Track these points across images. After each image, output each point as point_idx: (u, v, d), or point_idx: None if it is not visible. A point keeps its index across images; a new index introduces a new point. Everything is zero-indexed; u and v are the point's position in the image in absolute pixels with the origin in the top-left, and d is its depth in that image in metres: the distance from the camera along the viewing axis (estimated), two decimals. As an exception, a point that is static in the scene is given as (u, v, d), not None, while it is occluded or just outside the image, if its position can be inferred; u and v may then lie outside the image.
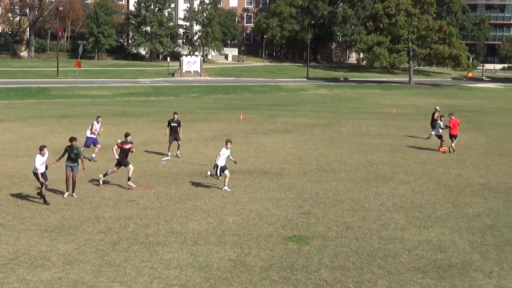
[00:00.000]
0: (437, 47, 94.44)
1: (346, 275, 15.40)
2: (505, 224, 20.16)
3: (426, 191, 24.53)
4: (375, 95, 76.03)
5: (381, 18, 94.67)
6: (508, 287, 14.88)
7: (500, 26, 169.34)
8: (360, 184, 25.50)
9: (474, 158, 32.35)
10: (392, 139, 38.42)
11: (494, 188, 25.43)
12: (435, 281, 15.17)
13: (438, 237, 18.58)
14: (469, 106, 63.24)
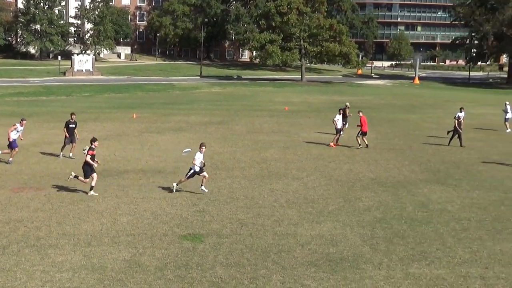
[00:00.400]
0: (328, 45, 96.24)
1: (241, 272, 15.52)
2: (393, 216, 20.81)
3: (318, 187, 25.01)
4: (268, 93, 76.82)
5: (274, 17, 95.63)
6: (396, 277, 15.37)
7: (387, 25, 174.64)
8: (254, 181, 25.73)
9: (364, 154, 33.20)
10: (285, 136, 38.94)
11: (383, 182, 26.20)
12: (328, 274, 15.50)
13: (330, 231, 19.00)
14: (359, 102, 64.67)
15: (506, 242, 18.28)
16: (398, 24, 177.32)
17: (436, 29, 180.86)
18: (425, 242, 18.12)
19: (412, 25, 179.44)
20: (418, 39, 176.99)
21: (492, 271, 15.92)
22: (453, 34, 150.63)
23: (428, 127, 44.97)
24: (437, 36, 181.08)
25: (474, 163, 31.01)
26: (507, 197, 23.92)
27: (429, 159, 32.02)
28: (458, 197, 23.70)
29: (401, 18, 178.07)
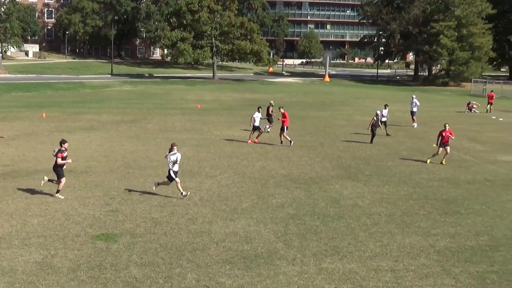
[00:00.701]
0: (239, 43, 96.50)
1: (156, 271, 15.45)
2: (306, 213, 21.10)
3: (232, 184, 25.11)
4: (180, 91, 76.48)
5: (185, 15, 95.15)
6: (310, 273, 15.60)
7: (298, 23, 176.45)
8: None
9: (276, 151, 33.51)
10: (198, 134, 38.89)
11: (296, 179, 26.51)
12: (243, 271, 15.60)
13: (244, 229, 19.11)
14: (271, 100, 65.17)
15: (415, 235, 18.80)
16: (308, 22, 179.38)
17: (345, 27, 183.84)
18: (337, 237, 18.45)
19: (322, 23, 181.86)
20: (328, 37, 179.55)
21: (402, 264, 16.36)
22: (361, 33, 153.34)
23: (338, 124, 45.72)
24: (346, 35, 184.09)
25: (383, 159, 31.73)
26: (415, 192, 24.60)
27: (340, 155, 32.58)
28: (369, 192, 24.23)
29: (311, 16, 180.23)
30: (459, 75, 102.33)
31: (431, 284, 15.13)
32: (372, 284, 15.03)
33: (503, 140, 39.62)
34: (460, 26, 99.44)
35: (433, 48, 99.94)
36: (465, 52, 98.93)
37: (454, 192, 24.77)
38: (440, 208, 22.13)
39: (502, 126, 47.50)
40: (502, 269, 16.17)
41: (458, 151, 34.49)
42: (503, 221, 20.71)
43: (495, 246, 17.99)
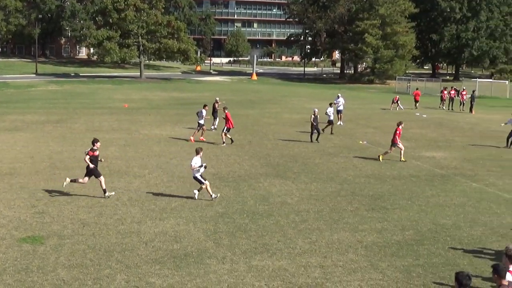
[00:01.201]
0: (167, 42, 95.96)
1: (84, 273, 15.26)
2: (235, 211, 21.17)
3: (161, 184, 25.00)
4: (107, 90, 75.60)
5: (111, 13, 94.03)
6: (240, 271, 15.66)
7: (225, 22, 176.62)
8: (95, 180, 25.22)
9: (205, 149, 33.33)
10: (125, 133, 38.55)
11: (225, 177, 26.56)
12: (172, 271, 15.55)
13: (174, 228, 19.06)
14: (199, 98, 65.07)
15: (343, 231, 19.08)
16: (235, 21, 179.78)
17: (272, 26, 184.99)
18: (266, 235, 18.57)
19: (249, 22, 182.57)
20: (255, 36, 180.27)
21: (330, 260, 16.58)
22: (288, 31, 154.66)
23: (266, 122, 45.98)
24: (273, 33, 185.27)
25: (311, 157, 32.06)
26: (343, 188, 24.95)
27: (268, 153, 32.78)
28: (297, 190, 24.45)
29: (238, 15, 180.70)
30: (384, 73, 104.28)
31: (359, 278, 15.38)
32: (302, 280, 15.19)
33: (427, 137, 40.54)
34: (384, 24, 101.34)
35: (358, 46, 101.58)
36: (389, 50, 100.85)
37: (380, 188, 25.23)
38: (367, 204, 22.51)
39: (425, 123, 48.57)
40: (427, 262, 16.56)
41: (383, 148, 35.09)
42: (428, 215, 21.20)
43: (420, 240, 18.41)
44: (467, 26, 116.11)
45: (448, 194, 24.45)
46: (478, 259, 16.90)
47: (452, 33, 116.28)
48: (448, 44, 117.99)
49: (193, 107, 54.33)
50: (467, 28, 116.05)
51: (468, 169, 29.79)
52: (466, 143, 38.02)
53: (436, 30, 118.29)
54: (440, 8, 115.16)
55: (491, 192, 24.95)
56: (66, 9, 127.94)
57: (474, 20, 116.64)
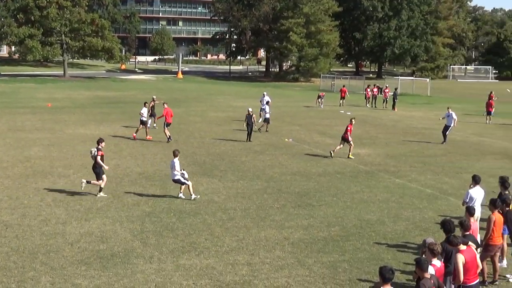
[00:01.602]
0: (91, 40, 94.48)
1: (8, 275, 14.97)
2: (162, 210, 21.09)
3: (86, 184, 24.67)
4: (29, 89, 74.01)
5: (32, 11, 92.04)
6: (168, 270, 15.63)
7: (149, 20, 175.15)
8: (18, 181, 24.83)
9: (131, 148, 33.23)
10: (49, 133, 37.88)
11: (151, 176, 26.42)
12: (99, 271, 15.40)
13: (100, 228, 18.86)
14: (124, 97, 64.54)
15: (270, 229, 19.23)
16: (160, 19, 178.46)
17: (197, 24, 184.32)
18: (194, 233, 18.57)
19: (174, 20, 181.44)
20: (180, 34, 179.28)
21: (257, 257, 16.70)
22: (213, 30, 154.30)
23: (192, 121, 45.87)
24: (198, 31, 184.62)
25: (237, 155, 32.18)
26: (269, 186, 25.13)
27: (194, 151, 32.74)
28: (224, 188, 24.51)
29: (163, 13, 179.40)
30: (309, 71, 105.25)
31: (286, 275, 15.53)
32: (229, 278, 15.25)
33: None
34: (309, 23, 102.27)
35: (283, 44, 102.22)
36: (313, 49, 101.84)
37: (306, 185, 25.51)
38: (294, 201, 22.74)
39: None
40: (352, 258, 16.85)
41: (309, 145, 35.52)
42: (353, 211, 21.56)
43: (346, 236, 18.71)
44: (389, 25, 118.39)
45: (372, 190, 24.91)
46: (401, 253, 17.30)
47: (375, 31, 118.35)
48: (371, 42, 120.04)
49: (118, 106, 53.97)
50: (389, 27, 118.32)
51: (392, 165, 30.42)
52: (389, 140, 38.78)
53: (359, 29, 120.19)
54: (363, 7, 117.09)
55: (413, 188, 25.54)
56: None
57: (395, 19, 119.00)
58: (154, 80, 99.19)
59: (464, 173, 28.28)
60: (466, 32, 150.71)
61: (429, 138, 40.06)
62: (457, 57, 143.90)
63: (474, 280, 12.32)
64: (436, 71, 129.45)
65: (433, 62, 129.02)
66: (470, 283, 12.24)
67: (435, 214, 21.43)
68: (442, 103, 71.22)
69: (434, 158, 32.67)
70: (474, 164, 31.15)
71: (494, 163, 31.72)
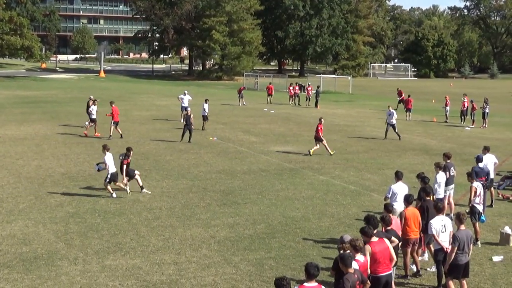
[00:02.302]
0: (9, 38, 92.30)
1: None
2: (87, 210, 20.84)
3: (7, 185, 24.19)
4: None
5: None
6: (93, 271, 15.46)
7: (70, 18, 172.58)
8: None
9: (53, 149, 32.68)
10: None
11: (74, 176, 26.05)
12: (22, 274, 15.13)
13: (22, 230, 18.52)
14: (45, 97, 63.37)
15: (196, 227, 19.24)
16: (80, 17, 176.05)
17: (119, 22, 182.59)
18: (119, 234, 18.42)
19: (95, 18, 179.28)
20: (102, 33, 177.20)
21: (184, 256, 16.69)
22: (135, 28, 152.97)
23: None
24: (120, 30, 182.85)
25: (162, 153, 32.03)
26: (194, 184, 25.12)
27: (118, 151, 32.28)
28: (149, 187, 24.33)
29: (84, 11, 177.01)
30: (232, 69, 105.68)
31: (213, 273, 15.57)
32: (156, 278, 15.20)
33: (275, 132, 41.48)
34: (231, 21, 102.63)
35: (206, 43, 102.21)
36: (236, 47, 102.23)
37: (231, 183, 25.60)
38: (219, 200, 22.80)
39: (273, 118, 49.64)
40: (278, 255, 17.02)
41: (233, 143, 35.65)
42: (278, 209, 21.75)
43: (272, 233, 18.87)
44: (311, 24, 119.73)
45: (297, 187, 25.18)
46: (327, 249, 17.55)
47: (297, 30, 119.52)
48: (293, 41, 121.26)
49: (39, 106, 52.97)
50: (311, 25, 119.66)
51: (315, 162, 30.80)
52: (312, 138, 39.19)
53: (281, 27, 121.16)
54: (284, 6, 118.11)
55: (337, 184, 25.94)
56: None
57: (317, 17, 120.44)
58: (75, 79, 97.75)
59: (386, 169, 28.90)
60: (385, 30, 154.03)
61: (351, 134, 40.73)
62: (377, 55, 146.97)
63: (384, 272, 12.66)
64: (357, 69, 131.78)
65: (354, 60, 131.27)
66: (379, 274, 12.60)
67: (359, 210, 21.83)
68: (363, 100, 72.64)
69: (357, 155, 33.25)
70: (395, 160, 31.86)
71: (414, 158, 32.49)
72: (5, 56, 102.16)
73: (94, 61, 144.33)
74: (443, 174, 19.59)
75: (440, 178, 19.36)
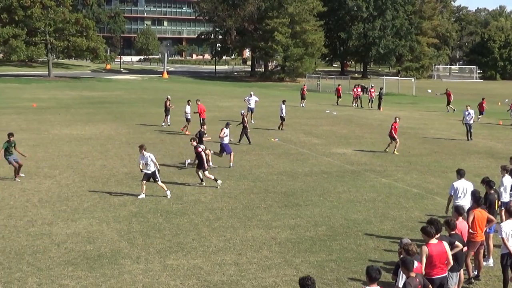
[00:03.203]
0: (75, 39, 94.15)
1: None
2: (149, 210, 21.06)
3: (72, 184, 24.61)
4: (13, 89, 73.65)
5: (16, 10, 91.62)
6: (155, 270, 15.61)
7: (134, 19, 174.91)
8: (4, 182, 24.72)
9: (117, 149, 33.13)
10: (35, 133, 37.74)
11: (137, 176, 26.23)
12: (86, 272, 15.37)
13: (86, 229, 18.81)
14: (110, 97, 64.37)
15: (257, 229, 19.24)
16: (144, 19, 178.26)
17: (183, 24, 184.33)
18: (181, 234, 18.55)
19: (159, 20, 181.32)
20: (165, 34, 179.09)
21: (245, 257, 16.70)
22: (198, 29, 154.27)
23: (179, 121, 45.70)
24: (183, 31, 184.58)
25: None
26: (256, 186, 25.13)
27: (181, 151, 32.68)
28: (211, 188, 24.47)
29: (148, 13, 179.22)
30: (294, 70, 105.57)
31: (273, 275, 15.55)
32: (217, 278, 15.25)
33: (337, 133, 41.23)
34: (294, 23, 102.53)
35: (268, 44, 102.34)
36: (299, 48, 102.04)
37: (293, 184, 25.54)
38: (280, 201, 22.76)
39: (336, 120, 49.38)
40: (339, 257, 16.89)
41: (295, 145, 35.57)
42: (339, 211, 21.60)
43: (333, 236, 18.75)
44: (374, 25, 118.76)
45: (358, 189, 24.97)
46: (388, 252, 17.35)
47: (360, 31, 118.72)
48: (356, 42, 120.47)
49: (104, 106, 53.82)
50: (374, 26, 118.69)
51: (378, 164, 30.50)
52: (375, 140, 38.88)
53: (344, 29, 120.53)
54: (348, 7, 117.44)
55: (399, 187, 25.63)
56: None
57: (380, 19, 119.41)
58: (139, 80, 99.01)
59: (449, 173, 28.40)
60: (450, 32, 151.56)
61: (414, 137, 40.22)
62: (441, 56, 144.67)
63: (437, 274, 12.46)
64: (421, 70, 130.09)
65: (418, 61, 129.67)
66: (433, 276, 12.39)
67: (422, 213, 21.52)
68: (427, 102, 71.62)
69: (420, 158, 32.80)
70: (460, 163, 31.25)
71: (479, 162, 31.90)
72: (71, 57, 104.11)
73: (157, 62, 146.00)
74: (509, 178, 19.16)
75: (507, 181, 18.96)
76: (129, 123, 43.22)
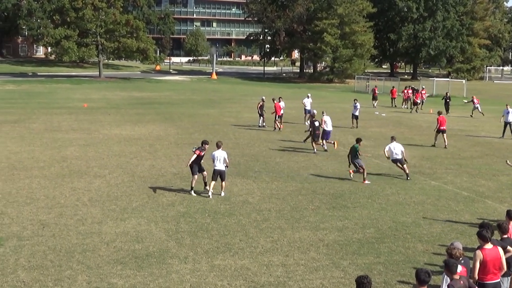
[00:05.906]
0: (125, 41, 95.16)
1: (45, 274, 15.13)
2: (197, 210, 21.16)
3: (121, 184, 24.86)
4: (65, 90, 74.80)
5: (68, 12, 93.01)
6: (202, 270, 15.68)
7: (184, 21, 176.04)
8: (55, 180, 25.09)
9: (165, 149, 33.37)
10: (85, 133, 38.22)
11: (186, 176, 26.43)
12: (134, 271, 15.50)
13: (135, 228, 18.98)
14: (159, 98, 64.89)
15: (304, 230, 19.19)
16: (194, 20, 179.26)
17: (231, 25, 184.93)
18: (228, 234, 18.60)
19: (208, 21, 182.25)
20: (214, 35, 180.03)
21: (292, 258, 16.67)
22: (247, 30, 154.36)
23: (227, 121, 45.95)
24: (232, 32, 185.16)
25: (272, 155, 32.14)
26: (304, 187, 25.07)
27: (229, 152, 32.44)
28: (258, 189, 24.51)
29: (197, 14, 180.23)
30: (343, 72, 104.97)
31: (320, 277, 15.49)
32: (264, 279, 15.25)
33: (386, 135, 40.75)
34: (343, 24, 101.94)
35: (317, 45, 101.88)
36: (348, 50, 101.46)
37: (340, 186, 25.41)
38: (328, 203, 22.66)
39: (384, 122, 49.01)
40: (387, 260, 16.75)
41: (344, 147, 35.34)
42: (388, 213, 21.42)
43: (381, 238, 18.60)
44: (424, 26, 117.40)
45: (407, 192, 24.74)
46: (437, 256, 17.13)
47: (410, 32, 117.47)
48: (406, 43, 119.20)
49: (153, 107, 54.29)
50: (424, 27, 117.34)
51: (427, 167, 30.17)
52: (424, 142, 38.45)
53: (394, 30, 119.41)
54: (398, 8, 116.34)
55: (449, 190, 25.31)
56: (23, 8, 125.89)
57: (430, 20, 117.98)
58: (188, 81, 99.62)
59: (501, 176, 27.98)
60: (502, 33, 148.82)
61: (465, 139, 39.67)
62: (493, 58, 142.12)
63: (491, 280, 12.25)
64: (472, 72, 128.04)
65: (469, 63, 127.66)
66: (486, 281, 12.19)
67: (472, 217, 21.22)
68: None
69: (470, 160, 32.34)
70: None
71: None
72: (121, 58, 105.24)
73: (206, 63, 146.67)
74: None
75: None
76: (177, 124, 43.49)
